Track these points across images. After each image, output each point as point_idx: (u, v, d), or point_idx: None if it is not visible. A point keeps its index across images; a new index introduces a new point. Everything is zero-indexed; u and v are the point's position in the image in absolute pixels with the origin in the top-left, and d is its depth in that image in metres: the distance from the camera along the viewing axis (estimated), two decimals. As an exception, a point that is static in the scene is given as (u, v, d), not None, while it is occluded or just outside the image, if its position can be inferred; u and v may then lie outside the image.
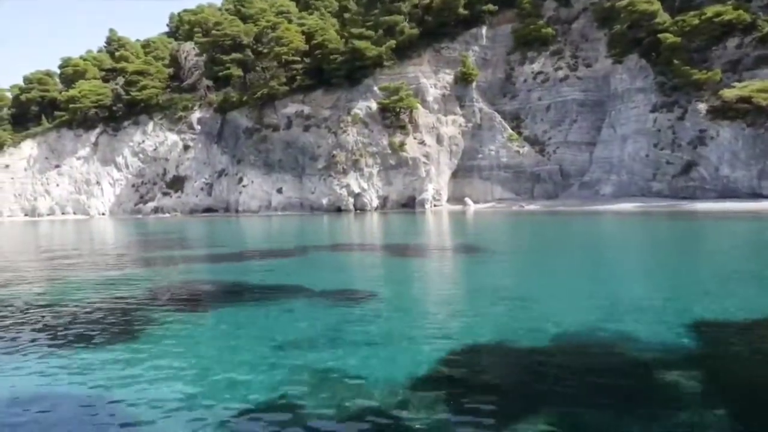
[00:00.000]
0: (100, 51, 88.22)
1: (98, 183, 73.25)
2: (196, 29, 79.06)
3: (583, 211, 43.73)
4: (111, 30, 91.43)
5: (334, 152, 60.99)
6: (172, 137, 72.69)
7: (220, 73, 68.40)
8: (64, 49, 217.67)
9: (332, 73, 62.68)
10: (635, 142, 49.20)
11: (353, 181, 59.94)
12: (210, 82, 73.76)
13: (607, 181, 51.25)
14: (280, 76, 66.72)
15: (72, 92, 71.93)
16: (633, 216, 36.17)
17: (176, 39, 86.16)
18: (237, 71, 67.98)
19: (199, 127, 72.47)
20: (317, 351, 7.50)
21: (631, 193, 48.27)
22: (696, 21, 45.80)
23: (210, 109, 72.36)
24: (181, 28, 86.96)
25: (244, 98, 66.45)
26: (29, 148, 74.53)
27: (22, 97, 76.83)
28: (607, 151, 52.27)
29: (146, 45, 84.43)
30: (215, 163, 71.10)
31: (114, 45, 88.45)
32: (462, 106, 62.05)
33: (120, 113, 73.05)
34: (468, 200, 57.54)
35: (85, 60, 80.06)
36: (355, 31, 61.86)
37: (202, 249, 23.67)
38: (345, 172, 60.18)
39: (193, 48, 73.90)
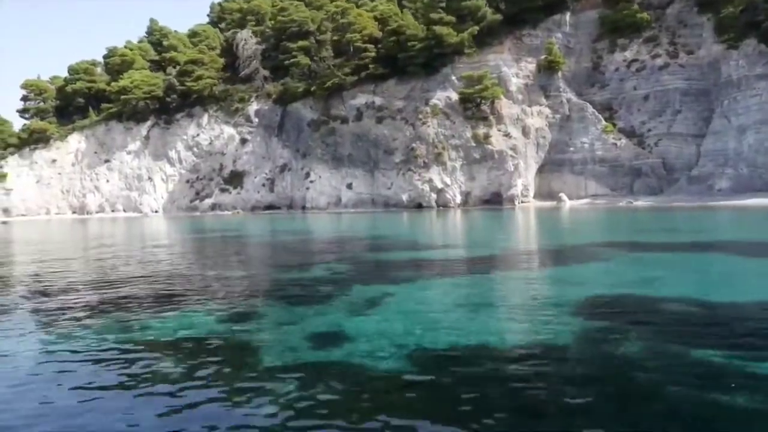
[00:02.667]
0: (141, 41, 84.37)
1: (150, 179, 69.49)
2: (248, 17, 75.26)
3: (705, 207, 40.03)
4: (152, 20, 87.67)
5: (413, 145, 57.29)
6: (229, 130, 68.99)
7: (286, 62, 64.53)
8: (90, 44, 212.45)
9: (408, 61, 58.93)
10: (758, 132, 45.58)
11: (436, 176, 56.27)
12: (267, 72, 70.08)
13: (722, 175, 47.61)
14: (350, 64, 63.07)
15: (122, 82, 68.12)
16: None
17: (220, 29, 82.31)
18: (305, 59, 64.18)
19: (256, 119, 68.79)
20: None
21: (756, 188, 44.62)
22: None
23: (268, 100, 68.69)
24: (227, 17, 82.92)
25: (312, 89, 62.52)
26: (77, 141, 70.76)
27: (68, 89, 72.96)
28: (721, 143, 48.62)
29: (193, 35, 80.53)
30: (276, 158, 67.37)
31: (156, 35, 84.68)
32: (547, 96, 58.36)
33: (174, 105, 69.23)
34: (563, 196, 53.86)
35: (131, 50, 76.11)
36: (434, 16, 58.11)
37: (435, 250, 19.93)
38: (426, 167, 56.52)
39: (251, 36, 69.99)
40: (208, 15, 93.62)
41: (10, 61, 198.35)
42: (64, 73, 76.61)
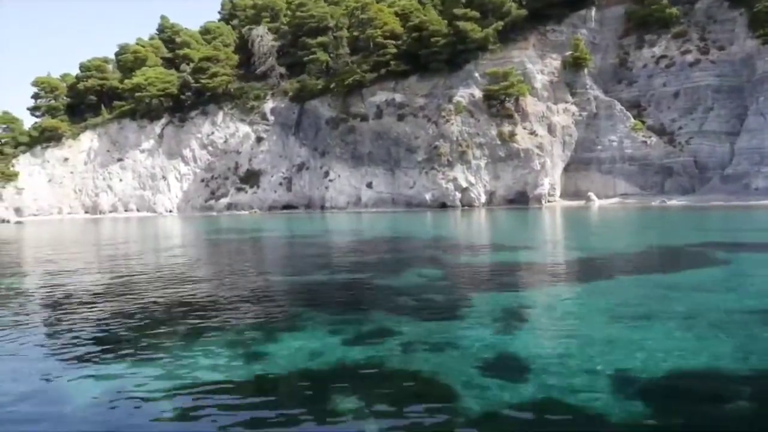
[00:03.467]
0: (152, 39, 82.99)
1: (164, 178, 68.15)
2: (263, 14, 73.91)
3: (745, 207, 38.75)
4: (163, 17, 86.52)
5: (437, 143, 55.99)
6: (244, 128, 67.65)
7: (305, 59, 63.18)
8: (99, 42, 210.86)
9: (431, 57, 57.63)
10: (796, 130, 44.35)
11: (460, 175, 54.96)
12: (283, 70, 68.77)
13: (758, 174, 46.29)
14: (369, 61, 61.81)
15: (136, 80, 66.74)
16: None
17: (232, 26, 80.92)
18: (324, 56, 62.85)
19: (272, 117, 67.45)
20: None
21: (796, 187, 43.39)
22: None
23: (285, 98, 67.34)
24: (240, 13, 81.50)
25: (332, 86, 61.18)
26: (89, 140, 69.40)
27: (80, 86, 71.57)
28: (756, 140, 47.33)
29: (205, 32, 79.17)
30: (293, 156, 66.03)
31: (168, 32, 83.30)
32: (573, 94, 57.10)
33: (189, 102, 67.89)
34: (592, 195, 52.55)
35: (143, 47, 74.75)
36: (457, 11, 56.78)
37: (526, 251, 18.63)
38: (450, 165, 55.21)
39: (267, 32, 68.64)
40: (219, 12, 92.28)
41: (17, 60, 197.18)
42: (73, 71, 75.57)
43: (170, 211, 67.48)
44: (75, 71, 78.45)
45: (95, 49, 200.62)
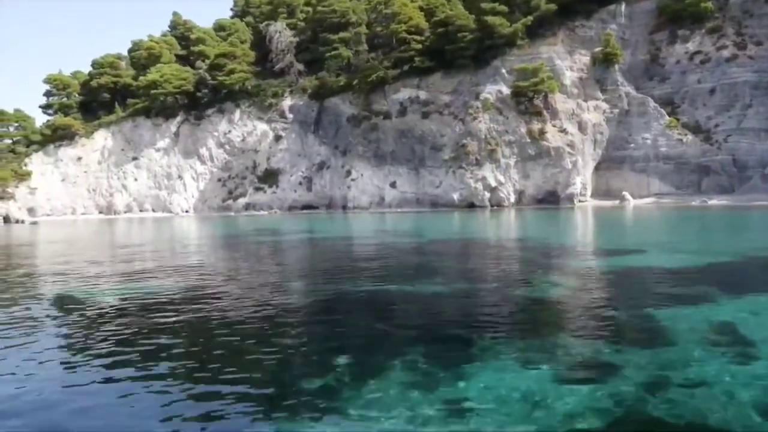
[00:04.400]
0: (164, 36, 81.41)
1: (180, 177, 66.56)
2: (279, 9, 72.33)
3: None
4: (175, 13, 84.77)
5: (464, 141, 54.44)
6: (262, 126, 66.09)
7: (327, 54, 61.60)
8: (108, 39, 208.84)
9: (457, 53, 56.12)
10: (843, 127, 42.83)
11: (489, 174, 53.43)
12: (302, 66, 67.22)
13: (801, 172, 44.89)
14: (390, 57, 60.35)
15: (151, 76, 65.13)
16: None
17: (246, 23, 79.28)
18: (346, 52, 61.32)
19: (291, 115, 65.91)
20: None
21: (844, 186, 41.90)
22: None
23: (304, 95, 65.80)
24: (254, 10, 79.86)
25: (355, 82, 59.64)
26: (103, 138, 67.77)
27: (93, 83, 69.96)
28: (799, 138, 45.89)
29: (219, 28, 77.58)
30: (312, 155, 64.47)
31: (180, 29, 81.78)
32: (603, 90, 55.61)
33: (205, 100, 66.32)
34: (626, 195, 51.00)
35: (157, 43, 73.15)
36: (485, 6, 55.22)
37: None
38: (479, 164, 53.68)
39: (285, 28, 67.07)
40: (231, 9, 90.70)
41: (26, 58, 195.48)
42: (81, 69, 73.95)
43: (186, 212, 65.90)
44: (84, 69, 77.14)
45: (104, 46, 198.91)
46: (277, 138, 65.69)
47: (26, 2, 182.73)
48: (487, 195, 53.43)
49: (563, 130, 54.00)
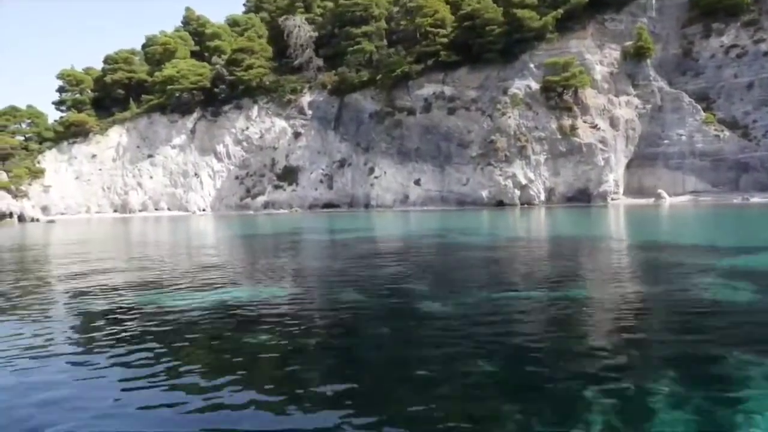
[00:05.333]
0: (177, 31, 79.92)
1: (197, 175, 65.05)
2: (297, 3, 70.84)
3: None
4: (188, 9, 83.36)
5: (493, 137, 52.94)
6: (280, 123, 64.59)
7: (349, 49, 60.11)
8: (118, 36, 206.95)
9: (485, 47, 54.63)
10: None
11: (519, 171, 51.93)
12: (321, 61, 65.72)
13: None
14: (414, 52, 58.87)
15: (167, 72, 63.65)
16: None
17: (261, 18, 77.78)
18: (369, 46, 59.84)
19: (310, 111, 64.42)
20: None
21: None
22: None
23: (323, 91, 64.30)
24: (268, 5, 78.34)
25: (378, 77, 58.13)
26: (117, 135, 66.26)
27: (107, 79, 68.44)
28: (843, 134, 44.38)
29: (234, 23, 76.15)
30: (332, 152, 62.96)
31: (193, 24, 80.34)
32: (635, 86, 54.12)
33: (223, 95, 64.83)
34: (662, 193, 49.50)
35: (172, 38, 71.66)
36: (514, -2, 53.76)
37: None
38: (508, 161, 52.18)
39: (304, 22, 65.56)
40: (244, 4, 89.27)
41: (32, 55, 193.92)
42: (88, 66, 72.35)
43: (203, 210, 64.39)
44: (94, 66, 75.62)
45: (113, 44, 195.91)
46: (296, 135, 64.19)
47: (31, 1, 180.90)
48: (517, 193, 51.93)
49: (594, 126, 52.53)
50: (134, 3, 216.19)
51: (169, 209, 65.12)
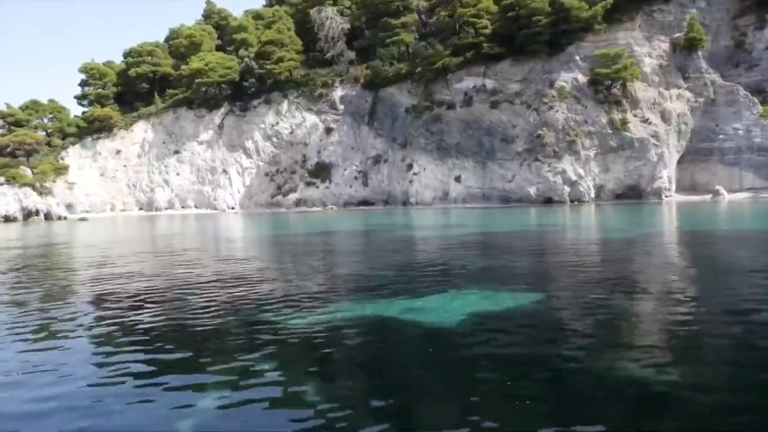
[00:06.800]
0: (198, 24, 77.81)
1: (225, 171, 62.96)
2: (326, -6, 68.67)
3: None
4: (208, 2, 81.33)
5: (540, 132, 50.98)
6: (311, 118, 62.52)
7: (387, 40, 58.09)
8: (136, 30, 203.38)
9: (530, 39, 52.60)
10: None
11: (569, 167, 49.98)
12: (353, 54, 63.69)
13: None
14: (450, 44, 56.93)
15: (195, 65, 61.50)
16: None
17: (284, 11, 75.53)
18: (409, 37, 57.84)
19: (342, 106, 62.37)
20: None
21: None
22: None
23: (356, 85, 62.24)
24: (292, -2, 76.04)
25: (418, 69, 56.09)
26: (142, 131, 64.12)
27: (131, 72, 66.21)
28: None
29: (257, 16, 74.04)
30: (366, 148, 60.94)
31: (215, 18, 78.31)
32: (686, 78, 52.24)
33: (253, 89, 62.75)
34: (720, 189, 47.58)
35: (197, 30, 69.50)
36: (561, -12, 51.72)
37: None
38: (557, 156, 50.22)
39: (336, 14, 63.47)
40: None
41: (47, 50, 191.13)
42: (110, 59, 70.13)
43: (232, 208, 62.32)
44: (109, 60, 73.33)
45: (133, 37, 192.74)
46: (328, 130, 62.14)
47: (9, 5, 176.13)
48: (567, 190, 49.98)
49: (646, 120, 50.63)
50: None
51: (196, 207, 63.06)
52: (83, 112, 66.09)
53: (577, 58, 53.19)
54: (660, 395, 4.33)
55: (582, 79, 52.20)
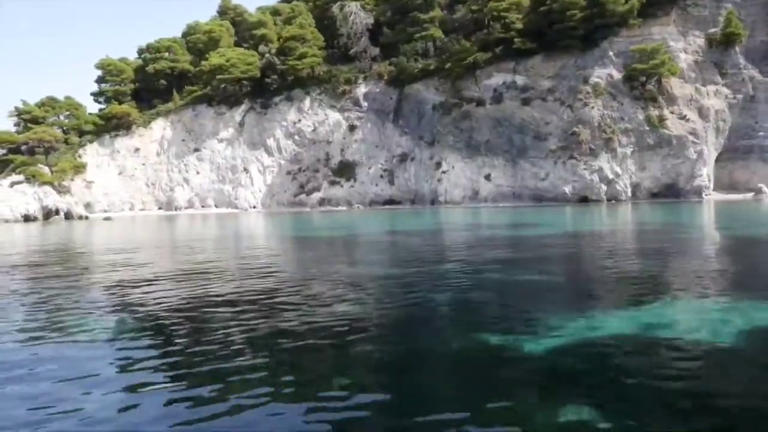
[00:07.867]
0: (214, 20, 76.29)
1: (246, 170, 61.55)
2: (346, -10, 67.24)
3: None
4: (223, -3, 79.65)
5: (575, 129, 49.72)
6: (334, 115, 61.19)
7: (416, 35, 56.78)
8: (149, 27, 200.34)
9: (564, 34, 51.35)
10: None
11: (606, 165, 48.75)
12: (377, 50, 62.37)
13: None
14: (478, 39, 55.67)
15: (215, 60, 60.07)
16: None
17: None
18: (438, 32, 56.57)
19: (366, 103, 61.06)
20: None
21: None
22: None
23: (380, 81, 60.94)
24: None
25: (446, 66, 54.91)
26: (161, 128, 62.66)
27: (148, 69, 64.74)
28: None
29: (275, 12, 72.52)
30: (392, 146, 59.64)
31: (230, 14, 76.78)
32: (723, 74, 51.19)
33: (274, 86, 61.38)
34: (764, 188, 46.45)
35: (216, 26, 68.06)
36: (595, -19, 50.50)
37: None
38: (593, 154, 48.98)
39: (360, 9, 62.13)
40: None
41: (56, 47, 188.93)
42: (124, 56, 68.62)
43: (254, 207, 60.90)
44: (123, 56, 71.78)
45: (147, 33, 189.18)
46: (352, 128, 60.81)
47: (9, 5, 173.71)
48: (604, 188, 48.76)
49: (683, 117, 49.46)
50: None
51: (216, 206, 61.60)
52: (100, 110, 64.63)
53: (611, 53, 52.00)
54: None
55: (616, 75, 51.05)
